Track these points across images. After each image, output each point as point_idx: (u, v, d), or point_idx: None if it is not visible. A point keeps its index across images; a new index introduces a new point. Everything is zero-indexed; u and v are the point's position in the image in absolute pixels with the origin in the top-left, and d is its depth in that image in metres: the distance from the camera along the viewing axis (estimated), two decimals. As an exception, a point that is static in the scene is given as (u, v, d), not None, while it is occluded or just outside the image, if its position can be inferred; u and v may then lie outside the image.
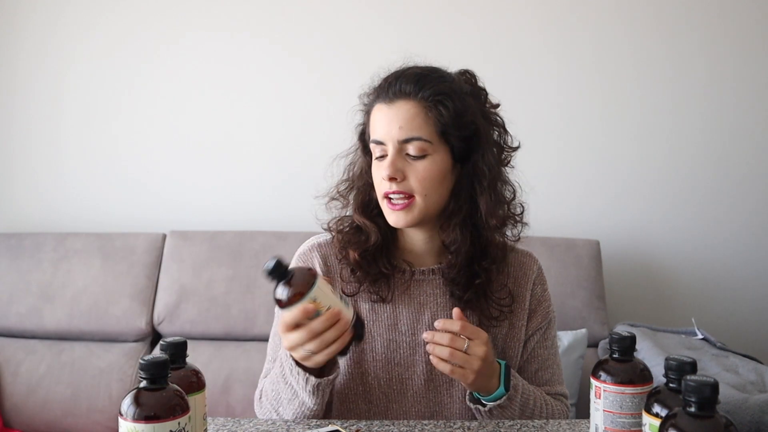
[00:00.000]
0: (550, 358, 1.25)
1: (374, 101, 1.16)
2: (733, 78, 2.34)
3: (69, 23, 2.45)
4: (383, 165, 1.12)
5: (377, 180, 1.15)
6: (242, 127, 2.44)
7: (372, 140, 1.15)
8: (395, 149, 1.12)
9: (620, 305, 2.36)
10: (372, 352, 1.19)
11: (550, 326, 1.26)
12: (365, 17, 2.39)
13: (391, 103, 1.12)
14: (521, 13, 2.36)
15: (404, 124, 1.11)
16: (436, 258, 1.21)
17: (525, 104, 2.36)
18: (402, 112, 1.11)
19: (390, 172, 1.11)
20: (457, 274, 1.17)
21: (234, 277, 2.19)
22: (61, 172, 2.49)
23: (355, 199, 1.21)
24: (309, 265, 1.09)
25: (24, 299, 2.21)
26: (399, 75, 1.15)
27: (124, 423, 0.79)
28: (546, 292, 1.26)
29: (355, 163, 1.23)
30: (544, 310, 1.24)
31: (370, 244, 1.18)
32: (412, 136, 1.11)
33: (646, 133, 2.36)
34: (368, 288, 1.19)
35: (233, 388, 2.07)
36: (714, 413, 0.72)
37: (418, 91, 1.12)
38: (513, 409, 1.11)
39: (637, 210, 2.37)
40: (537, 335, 1.24)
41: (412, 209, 1.13)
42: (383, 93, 1.14)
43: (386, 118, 1.12)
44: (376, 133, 1.14)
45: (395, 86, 1.13)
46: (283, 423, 1.09)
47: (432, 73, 1.15)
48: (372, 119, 1.16)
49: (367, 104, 1.19)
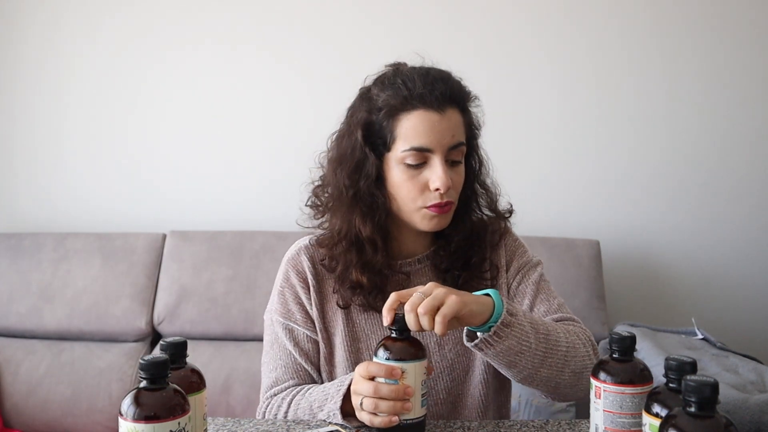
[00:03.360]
0: (543, 292, 1.21)
1: (412, 106, 1.09)
2: (734, 77, 2.34)
3: (71, 26, 2.45)
4: (434, 175, 1.09)
5: (413, 189, 1.11)
6: (242, 127, 2.44)
7: (412, 147, 1.09)
8: (444, 157, 1.11)
9: (620, 305, 2.36)
10: (368, 351, 1.19)
11: (533, 268, 1.23)
12: (370, 14, 2.39)
13: (442, 110, 1.09)
14: (520, 13, 2.35)
15: (456, 132, 1.12)
16: (423, 247, 1.23)
17: (524, 104, 2.36)
18: (453, 120, 1.11)
19: (449, 183, 1.10)
20: (451, 261, 1.19)
21: (234, 277, 2.19)
22: (62, 172, 2.49)
23: (364, 212, 1.14)
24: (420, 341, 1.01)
25: (24, 299, 2.21)
26: (442, 79, 1.11)
27: (124, 423, 0.79)
28: (518, 241, 1.26)
29: (358, 169, 1.14)
30: (519, 256, 1.24)
31: (377, 263, 1.15)
32: (460, 141, 1.13)
33: (646, 133, 2.36)
34: (361, 298, 1.18)
35: (233, 388, 2.07)
36: (714, 413, 0.72)
37: (461, 99, 1.14)
38: (523, 326, 1.00)
39: (637, 210, 2.37)
40: (518, 277, 1.22)
41: (451, 212, 1.15)
42: (428, 98, 1.09)
43: (438, 126, 1.09)
44: (420, 140, 1.09)
45: (445, 92, 1.10)
46: (283, 423, 1.08)
47: (453, 76, 1.16)
48: (410, 125, 1.09)
49: (392, 107, 1.10)
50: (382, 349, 0.97)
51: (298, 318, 1.21)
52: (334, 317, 1.21)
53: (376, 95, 1.13)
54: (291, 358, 1.20)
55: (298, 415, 1.12)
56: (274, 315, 1.23)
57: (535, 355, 1.02)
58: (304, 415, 1.11)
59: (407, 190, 1.12)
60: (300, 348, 1.21)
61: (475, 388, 1.20)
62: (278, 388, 1.19)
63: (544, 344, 1.03)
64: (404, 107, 1.10)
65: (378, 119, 1.12)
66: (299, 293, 1.21)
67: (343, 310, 1.20)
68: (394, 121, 1.10)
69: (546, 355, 1.03)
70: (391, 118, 1.11)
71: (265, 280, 2.14)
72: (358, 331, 1.21)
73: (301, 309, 1.21)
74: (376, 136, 1.13)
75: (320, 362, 1.22)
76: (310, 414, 1.10)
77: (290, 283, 1.22)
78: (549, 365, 1.04)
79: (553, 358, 1.04)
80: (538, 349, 1.02)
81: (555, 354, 1.04)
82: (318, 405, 1.09)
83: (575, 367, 1.07)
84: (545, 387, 1.07)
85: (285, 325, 1.22)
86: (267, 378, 1.22)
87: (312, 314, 1.21)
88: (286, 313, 1.22)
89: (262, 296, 2.14)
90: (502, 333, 0.98)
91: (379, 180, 1.14)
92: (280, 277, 1.25)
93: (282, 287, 1.23)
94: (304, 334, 1.21)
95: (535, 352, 1.02)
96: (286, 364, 1.20)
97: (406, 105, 1.09)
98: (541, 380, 1.05)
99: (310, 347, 1.21)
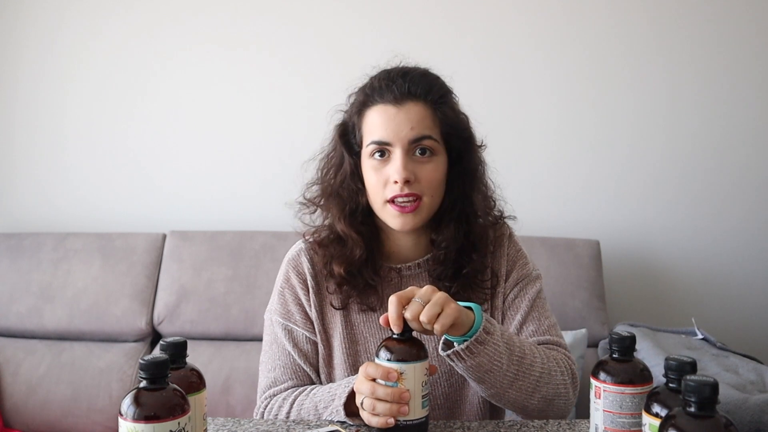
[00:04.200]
0: (536, 310, 1.20)
1: (372, 101, 1.14)
2: (734, 77, 2.34)
3: (72, 26, 2.45)
4: (392, 167, 1.11)
5: (378, 183, 1.13)
6: (242, 127, 2.44)
7: (372, 141, 1.12)
8: (404, 150, 1.11)
9: (620, 305, 2.36)
10: (366, 353, 1.20)
11: (531, 282, 1.23)
12: (366, 15, 2.39)
13: (400, 103, 1.11)
14: (520, 12, 2.35)
15: (416, 125, 1.11)
16: (421, 252, 1.22)
17: (524, 104, 2.36)
18: (413, 113, 1.11)
19: (405, 174, 1.10)
20: (444, 269, 1.18)
21: (234, 277, 2.19)
22: (62, 172, 2.49)
23: (339, 207, 1.18)
24: (422, 343, 1.00)
25: (24, 299, 2.21)
26: (402, 75, 1.13)
27: (124, 423, 0.79)
28: (521, 251, 1.25)
29: (337, 167, 1.19)
30: (520, 267, 1.23)
31: (355, 257, 1.17)
32: (423, 134, 1.11)
33: (646, 133, 2.36)
34: (357, 299, 1.19)
35: (233, 388, 2.07)
36: (714, 413, 0.72)
37: (427, 93, 1.12)
38: (497, 345, 1.01)
39: (637, 210, 2.37)
40: (516, 289, 1.22)
41: (420, 211, 1.13)
42: (386, 93, 1.12)
43: (395, 118, 1.11)
44: (379, 133, 1.12)
45: (403, 87, 1.11)
46: (283, 423, 1.08)
47: (429, 73, 1.16)
48: (371, 120, 1.14)
49: (359, 104, 1.16)
50: (384, 350, 0.97)
51: (297, 319, 1.22)
52: (332, 319, 1.21)
53: (350, 98, 1.19)
54: (290, 358, 1.21)
55: (302, 415, 1.12)
56: (274, 315, 1.24)
57: (505, 376, 1.03)
58: (309, 416, 1.11)
59: (373, 183, 1.14)
60: (299, 349, 1.21)
61: (474, 395, 1.20)
62: (277, 389, 1.19)
63: (516, 366, 1.03)
64: (366, 104, 1.14)
65: (350, 119, 1.18)
66: (299, 294, 1.22)
67: (341, 313, 1.21)
68: (360, 118, 1.16)
69: (516, 377, 1.04)
70: (358, 116, 1.16)
71: (265, 280, 2.14)
72: (356, 333, 1.21)
73: (301, 310, 1.22)
74: (350, 135, 1.18)
75: (319, 363, 1.22)
76: (315, 414, 1.10)
77: (290, 284, 1.23)
78: (518, 388, 1.05)
79: (523, 382, 1.05)
80: (509, 370, 1.03)
81: (527, 378, 1.05)
82: (324, 405, 1.09)
83: (546, 393, 1.07)
84: (512, 407, 1.09)
85: (284, 326, 1.22)
86: (265, 378, 1.22)
87: (311, 315, 1.21)
88: (286, 314, 1.22)
89: (262, 296, 2.14)
90: (475, 349, 0.99)
91: (356, 177, 1.17)
92: (280, 278, 1.25)
93: (282, 288, 1.24)
94: (303, 335, 1.21)
95: (506, 373, 1.02)
96: (284, 365, 1.20)
97: (367, 102, 1.14)
98: (508, 400, 1.07)
99: (309, 348, 1.21)
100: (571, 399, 1.11)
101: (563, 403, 1.10)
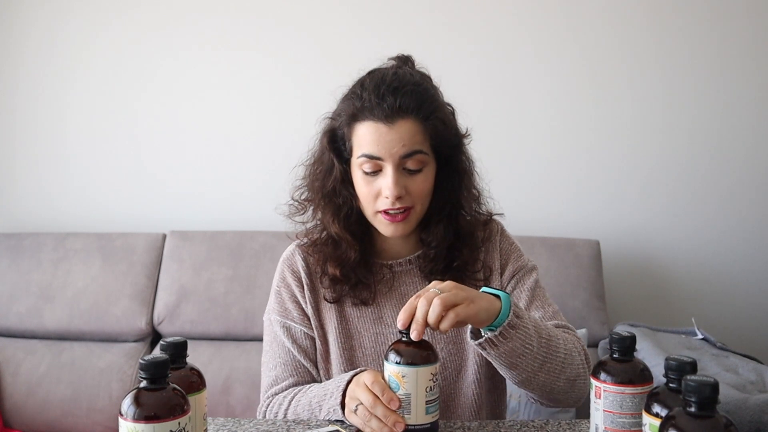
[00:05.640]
0: (538, 299, 1.21)
1: (362, 116, 1.12)
2: (734, 77, 2.34)
3: (72, 27, 2.45)
4: (384, 183, 1.12)
5: (369, 195, 1.14)
6: (242, 128, 2.44)
7: (363, 155, 1.12)
8: (395, 166, 1.11)
9: (620, 305, 2.36)
10: (361, 348, 1.21)
11: (528, 273, 1.24)
12: (361, 17, 2.39)
13: (391, 121, 1.10)
14: (520, 12, 2.35)
15: (407, 141, 1.11)
16: (411, 249, 1.24)
17: (524, 104, 2.36)
18: (404, 130, 1.11)
19: (396, 191, 1.11)
20: (434, 265, 1.20)
21: (234, 277, 2.19)
22: (62, 172, 2.49)
23: (332, 212, 1.19)
24: (431, 346, 0.99)
25: (24, 299, 2.21)
26: (392, 91, 1.11)
27: (124, 423, 0.79)
28: (513, 244, 1.27)
29: (327, 172, 1.20)
30: (515, 260, 1.24)
31: (350, 259, 1.19)
32: (414, 150, 1.12)
33: (645, 133, 2.36)
34: (350, 293, 1.21)
35: (233, 388, 2.07)
36: (714, 413, 0.72)
37: (419, 109, 1.12)
38: (528, 329, 1.01)
39: (637, 210, 2.37)
40: (513, 281, 1.23)
41: (410, 219, 1.15)
42: (377, 110, 1.10)
43: (386, 136, 1.10)
44: (369, 148, 1.11)
45: (393, 105, 1.10)
46: (283, 423, 1.09)
47: (419, 86, 1.14)
48: (361, 133, 1.12)
49: (348, 116, 1.14)
50: (394, 353, 0.96)
51: (295, 315, 1.23)
52: (328, 314, 1.23)
53: (339, 104, 1.18)
54: (290, 355, 1.22)
55: (298, 412, 1.13)
56: (272, 314, 1.25)
57: (536, 359, 1.03)
58: (304, 413, 1.12)
59: (364, 195, 1.15)
60: (298, 345, 1.22)
61: (468, 387, 1.21)
62: (278, 387, 1.20)
63: (545, 349, 1.04)
64: (356, 117, 1.13)
65: (339, 126, 1.17)
66: (295, 291, 1.24)
67: (336, 308, 1.22)
68: (350, 129, 1.15)
69: (546, 359, 1.04)
70: (347, 126, 1.15)
71: (265, 280, 2.13)
72: (350, 329, 1.22)
73: (298, 307, 1.24)
74: (340, 142, 1.18)
75: (317, 359, 1.23)
76: (309, 411, 1.11)
77: (286, 282, 1.25)
78: (547, 370, 1.05)
79: (551, 364, 1.05)
80: (539, 353, 1.03)
81: (554, 359, 1.06)
82: (317, 402, 1.09)
83: (570, 375, 1.08)
84: (540, 391, 1.09)
85: (283, 323, 1.23)
86: (267, 377, 1.23)
87: (307, 311, 1.23)
88: (284, 312, 1.24)
89: (262, 296, 2.14)
90: (507, 334, 0.99)
91: (346, 182, 1.18)
92: (276, 278, 1.28)
93: (278, 287, 1.26)
94: (301, 331, 1.23)
95: (536, 355, 1.03)
96: (285, 362, 1.22)
97: (358, 116, 1.13)
98: (537, 384, 1.07)
99: (308, 344, 1.23)
100: (588, 380, 1.10)
101: (582, 384, 1.11)
